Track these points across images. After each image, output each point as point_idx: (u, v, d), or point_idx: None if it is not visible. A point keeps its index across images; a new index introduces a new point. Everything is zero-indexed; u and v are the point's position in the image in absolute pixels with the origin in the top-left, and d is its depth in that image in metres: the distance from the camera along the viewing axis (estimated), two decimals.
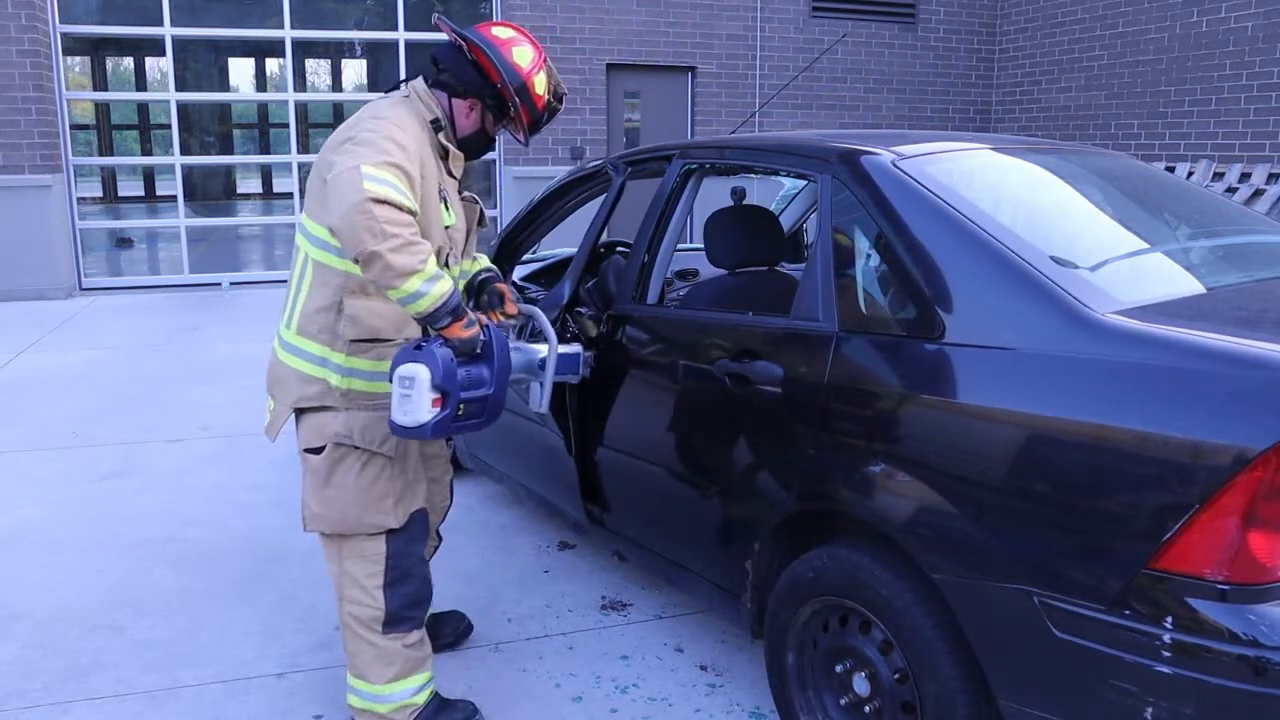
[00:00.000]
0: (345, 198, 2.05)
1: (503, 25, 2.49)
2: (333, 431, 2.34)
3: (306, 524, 2.43)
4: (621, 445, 2.92)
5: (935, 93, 12.21)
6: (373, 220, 2.03)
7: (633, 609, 3.26)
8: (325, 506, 2.37)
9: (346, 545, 2.40)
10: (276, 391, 2.42)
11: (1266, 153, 9.17)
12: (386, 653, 2.42)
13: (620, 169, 3.25)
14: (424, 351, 2.16)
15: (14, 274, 9.19)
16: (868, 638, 2.18)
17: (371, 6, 11.20)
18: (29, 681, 2.80)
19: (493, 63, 2.39)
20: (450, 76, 2.44)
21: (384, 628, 2.40)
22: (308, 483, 2.40)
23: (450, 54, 2.46)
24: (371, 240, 2.03)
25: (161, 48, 10.21)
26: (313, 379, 2.34)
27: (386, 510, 2.38)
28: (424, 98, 2.44)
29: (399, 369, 2.16)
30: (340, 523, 2.37)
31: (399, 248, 2.05)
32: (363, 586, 2.40)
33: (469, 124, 2.50)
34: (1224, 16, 9.45)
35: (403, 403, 2.14)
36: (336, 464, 2.35)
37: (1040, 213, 2.43)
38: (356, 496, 2.36)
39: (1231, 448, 1.57)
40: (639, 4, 10.85)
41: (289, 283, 2.43)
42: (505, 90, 2.41)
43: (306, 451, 2.39)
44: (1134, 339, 1.77)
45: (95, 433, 5.17)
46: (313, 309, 2.34)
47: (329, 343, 2.33)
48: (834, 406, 2.20)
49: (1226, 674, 1.58)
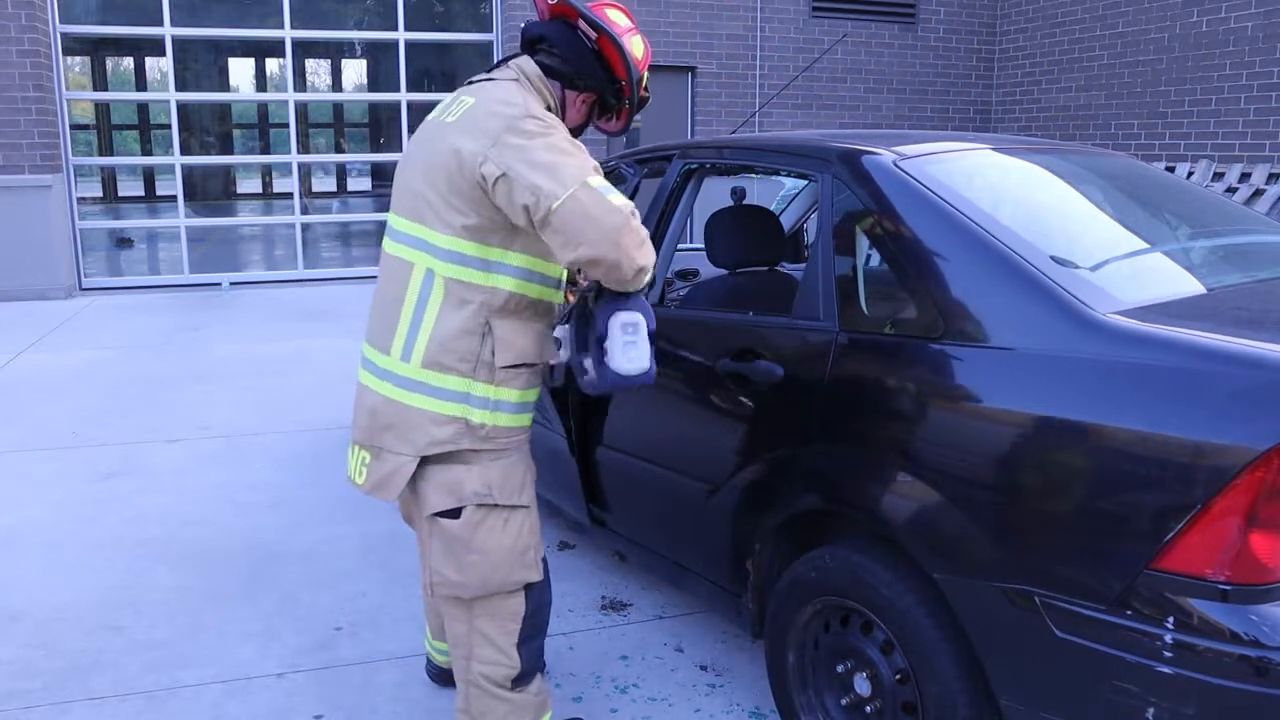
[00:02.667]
0: (605, 220, 1.84)
1: (614, 8, 2.20)
2: (471, 491, 2.06)
3: (435, 590, 2.16)
4: (622, 445, 2.92)
5: (935, 93, 12.21)
6: (638, 235, 1.88)
7: (633, 609, 3.26)
8: (466, 574, 2.10)
9: (478, 605, 2.15)
10: (387, 439, 2.06)
11: (1266, 153, 9.17)
12: (519, 707, 2.23)
13: (635, 168, 3.24)
14: (633, 299, 2.05)
15: (14, 274, 9.19)
16: (869, 638, 2.18)
17: (371, 6, 11.21)
18: (29, 681, 2.80)
19: (623, 56, 2.13)
20: (566, 65, 2.14)
21: (514, 684, 2.21)
22: (439, 548, 2.11)
23: (567, 38, 2.14)
24: (644, 255, 1.90)
25: (161, 48, 10.22)
26: (448, 419, 2.02)
27: (530, 564, 2.15)
28: (538, 84, 2.13)
29: (619, 316, 2.03)
30: (484, 586, 2.11)
31: (651, 249, 1.95)
32: (497, 645, 2.17)
33: (577, 118, 2.23)
34: (1224, 16, 9.46)
35: (627, 349, 2.03)
36: (478, 526, 2.07)
37: (1041, 213, 2.43)
38: (501, 556, 2.10)
39: (1233, 448, 1.57)
40: (639, 4, 10.85)
41: (389, 305, 2.07)
42: (628, 87, 2.17)
43: (439, 516, 2.08)
44: (1135, 339, 1.77)
45: (95, 433, 5.17)
46: (449, 335, 2.01)
47: (469, 373, 2.02)
48: (835, 406, 2.20)
49: (1228, 674, 1.58)
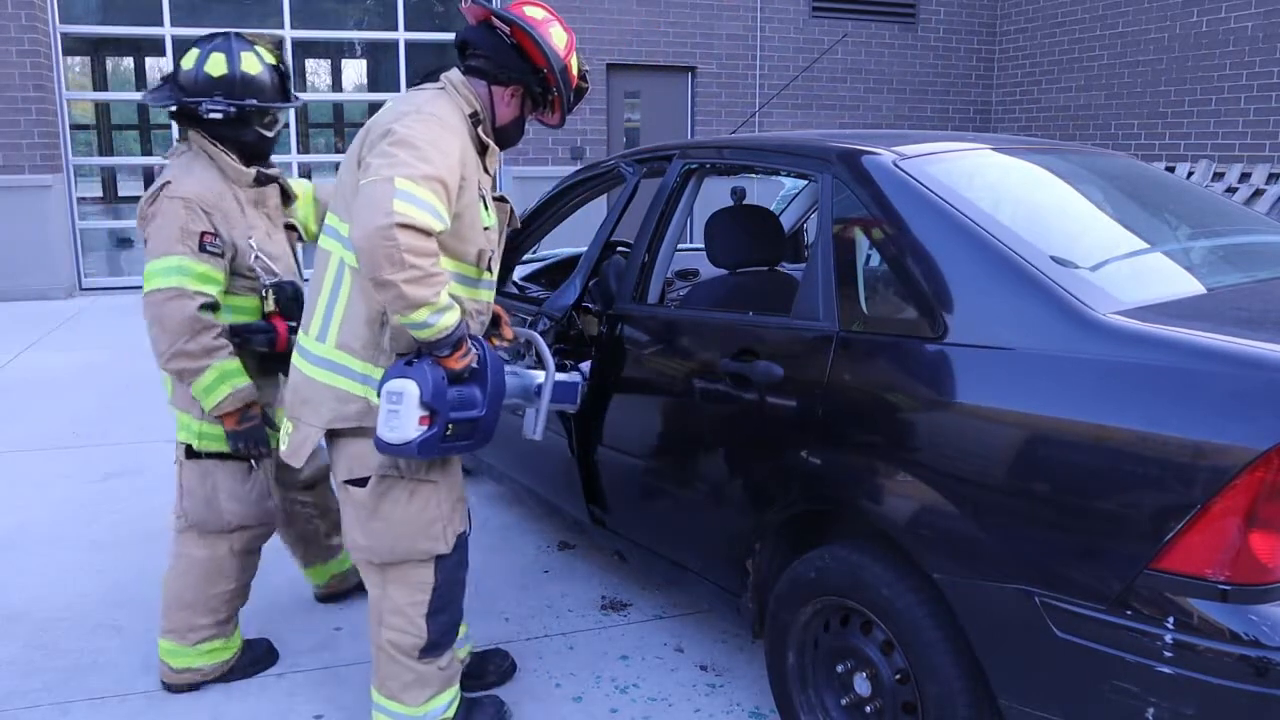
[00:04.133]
0: (371, 217, 1.93)
1: (532, 4, 2.33)
2: (376, 463, 2.21)
3: (350, 553, 2.34)
4: (623, 445, 2.92)
5: (935, 93, 12.21)
6: (394, 248, 1.92)
7: (633, 609, 3.26)
8: (372, 539, 2.27)
9: (391, 570, 2.30)
10: (303, 412, 2.25)
11: (1266, 153, 9.17)
12: (423, 677, 2.36)
13: (635, 168, 3.24)
14: (414, 367, 2.09)
15: (14, 274, 9.19)
16: (869, 638, 2.18)
17: (371, 6, 11.20)
18: (29, 681, 2.80)
19: (538, 45, 2.24)
20: (489, 63, 2.28)
21: (422, 654, 2.33)
22: (350, 515, 2.29)
23: (486, 38, 2.29)
24: (389, 269, 1.93)
25: (161, 48, 10.22)
26: (352, 397, 2.20)
27: (436, 536, 2.29)
28: (462, 89, 2.27)
29: (388, 384, 2.09)
30: (389, 553, 2.27)
31: (416, 279, 1.95)
32: (405, 614, 2.30)
33: (509, 112, 2.35)
34: (1224, 16, 9.45)
35: (389, 418, 2.08)
36: (383, 496, 2.24)
37: (1041, 213, 2.43)
38: (405, 527, 2.26)
39: (1233, 448, 1.57)
40: (639, 4, 10.85)
41: (313, 291, 2.27)
42: (551, 75, 2.28)
43: (347, 483, 2.27)
44: (1135, 339, 1.77)
45: (95, 433, 5.17)
46: (356, 321, 2.19)
47: (372, 358, 2.19)
48: (835, 406, 2.20)
49: (1228, 674, 1.58)
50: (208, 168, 2.66)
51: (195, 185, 2.59)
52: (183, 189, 2.57)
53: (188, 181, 2.60)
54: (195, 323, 2.51)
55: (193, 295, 2.51)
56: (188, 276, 2.51)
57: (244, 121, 2.66)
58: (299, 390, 2.28)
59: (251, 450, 2.66)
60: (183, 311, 2.50)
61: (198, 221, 2.55)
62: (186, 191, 2.57)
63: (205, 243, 2.55)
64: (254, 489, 2.74)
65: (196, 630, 2.73)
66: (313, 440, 2.25)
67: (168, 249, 2.52)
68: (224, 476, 2.70)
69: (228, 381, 2.55)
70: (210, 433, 2.67)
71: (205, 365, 2.52)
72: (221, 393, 2.55)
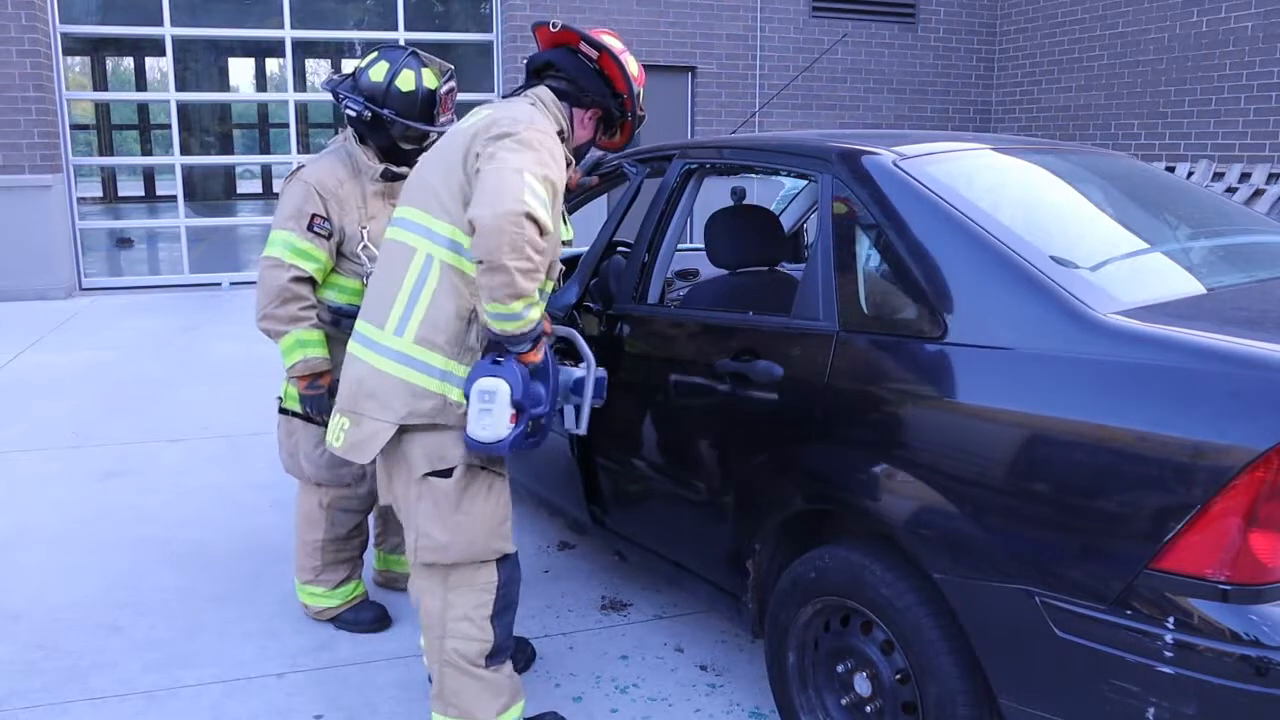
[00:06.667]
0: (502, 201, 1.98)
1: (608, 33, 2.45)
2: (459, 454, 2.22)
3: (421, 555, 2.26)
4: (623, 445, 2.92)
5: (935, 93, 12.21)
6: (519, 235, 1.97)
7: (633, 609, 3.26)
8: (454, 534, 2.24)
9: (454, 576, 2.28)
10: (368, 406, 2.22)
11: (1266, 153, 9.17)
12: (494, 685, 2.32)
13: (636, 168, 3.24)
14: (503, 366, 2.14)
15: (14, 274, 9.19)
16: (869, 638, 2.18)
17: (371, 6, 11.21)
18: (29, 681, 2.80)
19: (622, 72, 2.37)
20: (572, 85, 2.39)
21: (489, 660, 2.31)
22: (429, 509, 2.24)
23: (571, 61, 2.39)
24: (509, 254, 1.97)
25: (161, 48, 10.22)
26: (429, 394, 2.19)
27: (505, 535, 2.30)
28: (552, 107, 2.36)
29: (479, 382, 2.13)
30: (467, 550, 2.25)
31: (527, 271, 2.01)
32: (470, 619, 2.28)
33: (584, 134, 2.46)
34: (1224, 16, 9.45)
35: (482, 417, 2.11)
36: (466, 489, 2.24)
37: (1041, 213, 2.43)
38: (485, 522, 2.26)
39: (1233, 448, 1.57)
40: (639, 4, 10.84)
41: (387, 285, 2.26)
42: (629, 100, 2.40)
43: (431, 476, 2.24)
44: (1135, 339, 1.77)
45: (95, 433, 5.17)
46: (442, 318, 2.20)
47: (455, 355, 2.21)
48: (835, 406, 2.20)
49: (1228, 674, 1.58)
50: (341, 158, 2.93)
51: (319, 172, 2.87)
52: (308, 174, 2.87)
53: (315, 168, 2.89)
54: (285, 291, 2.79)
55: (288, 267, 2.78)
56: (289, 250, 2.79)
57: (380, 127, 2.86)
58: (364, 383, 2.24)
59: (315, 416, 2.90)
60: (276, 280, 2.78)
61: (312, 204, 2.82)
62: (310, 176, 2.86)
63: (314, 224, 2.81)
64: (325, 453, 2.93)
65: (303, 570, 3.09)
66: (384, 436, 2.21)
67: (282, 223, 2.82)
68: (303, 436, 3.00)
69: (302, 349, 2.81)
70: (292, 393, 2.96)
71: (286, 330, 2.80)
72: (295, 357, 2.82)
